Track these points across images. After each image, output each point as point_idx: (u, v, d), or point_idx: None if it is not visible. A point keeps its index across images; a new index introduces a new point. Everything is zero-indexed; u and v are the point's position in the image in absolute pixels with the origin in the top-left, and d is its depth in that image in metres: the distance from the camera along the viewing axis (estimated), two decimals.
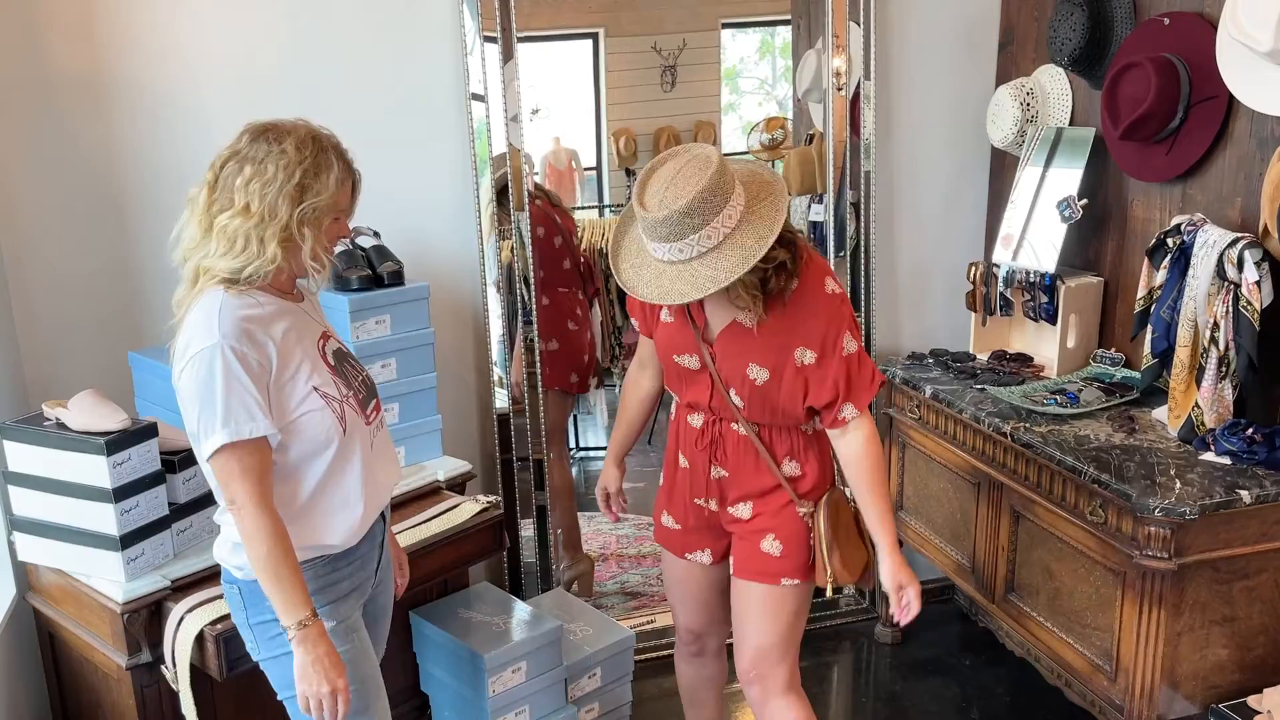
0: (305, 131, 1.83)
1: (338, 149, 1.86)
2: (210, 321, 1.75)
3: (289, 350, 1.82)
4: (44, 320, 2.76)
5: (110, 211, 2.78)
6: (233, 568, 1.91)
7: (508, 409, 3.18)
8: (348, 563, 1.95)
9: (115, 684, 2.31)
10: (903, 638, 3.51)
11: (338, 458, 1.88)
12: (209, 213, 1.80)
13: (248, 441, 1.75)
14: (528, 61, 3.10)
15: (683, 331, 2.17)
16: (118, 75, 2.72)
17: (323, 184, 1.80)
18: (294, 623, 1.79)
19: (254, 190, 1.76)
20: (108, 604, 2.22)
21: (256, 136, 1.81)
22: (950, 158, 3.47)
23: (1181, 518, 2.22)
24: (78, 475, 2.20)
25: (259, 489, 1.76)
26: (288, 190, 1.77)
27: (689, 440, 2.28)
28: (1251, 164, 2.56)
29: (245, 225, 1.76)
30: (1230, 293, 2.41)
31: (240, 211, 1.77)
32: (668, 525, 2.40)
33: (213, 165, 1.82)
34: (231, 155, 1.81)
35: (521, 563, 3.26)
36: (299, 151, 1.79)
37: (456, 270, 3.11)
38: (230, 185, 1.78)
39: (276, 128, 1.82)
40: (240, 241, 1.77)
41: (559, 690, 2.76)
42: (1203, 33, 2.60)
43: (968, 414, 2.85)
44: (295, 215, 1.77)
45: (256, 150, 1.79)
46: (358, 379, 1.97)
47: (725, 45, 3.67)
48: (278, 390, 1.80)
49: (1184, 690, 2.38)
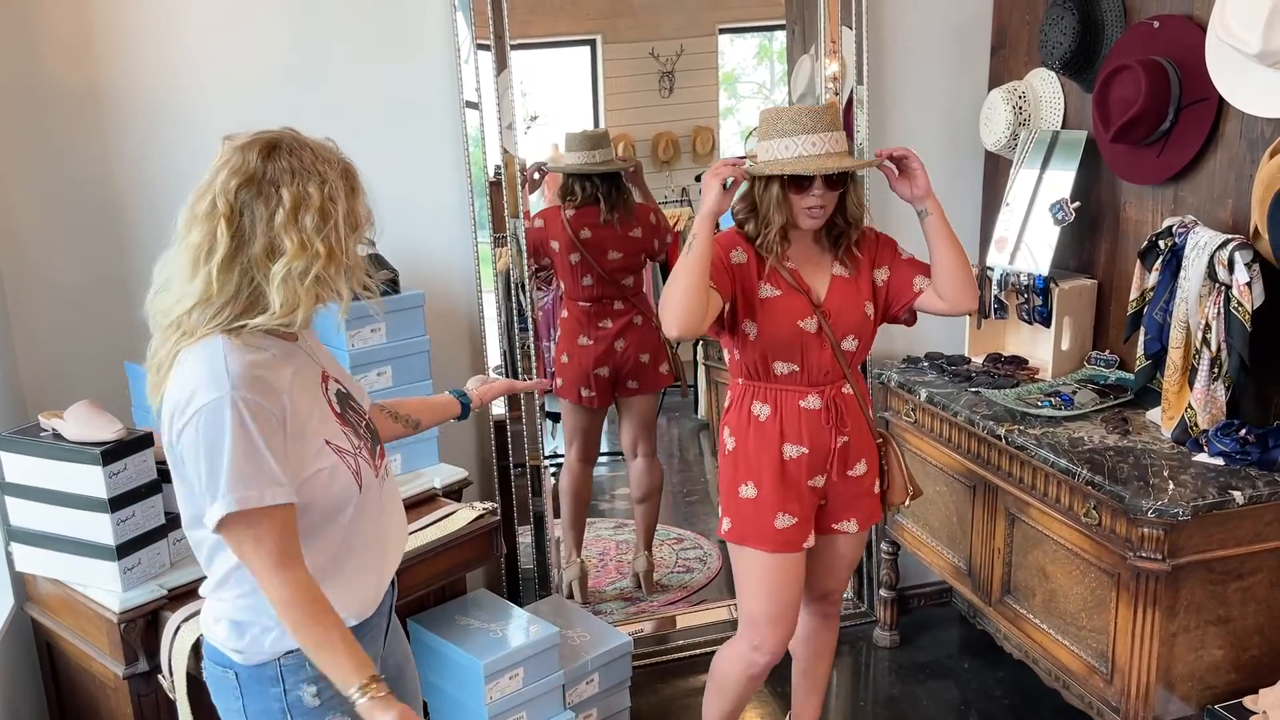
0: (316, 146, 1.59)
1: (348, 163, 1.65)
2: (216, 371, 1.51)
3: (298, 398, 1.59)
4: (41, 331, 2.77)
5: (107, 222, 2.80)
6: (230, 651, 1.68)
7: (504, 415, 3.19)
8: (362, 635, 1.70)
9: (113, 693, 2.32)
10: (901, 641, 3.51)
11: (355, 519, 1.68)
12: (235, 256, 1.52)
13: (256, 510, 1.50)
14: (526, 69, 3.12)
15: (795, 297, 2.35)
16: (115, 87, 2.74)
17: (362, 203, 1.62)
18: (358, 687, 1.55)
19: (308, 229, 1.52)
20: (104, 613, 2.23)
21: (266, 154, 1.53)
22: (944, 161, 3.47)
23: (1174, 519, 2.23)
24: (74, 485, 2.21)
25: (280, 555, 1.53)
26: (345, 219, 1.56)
27: (809, 424, 2.39)
28: (1242, 165, 2.57)
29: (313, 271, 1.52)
30: (1221, 294, 2.42)
31: (296, 254, 1.51)
32: (784, 525, 2.41)
33: (222, 192, 1.51)
34: (245, 181, 1.52)
35: (519, 569, 3.27)
36: (331, 168, 1.57)
37: (452, 278, 3.12)
38: (262, 220, 1.51)
39: (283, 140, 1.56)
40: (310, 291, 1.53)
41: (557, 696, 2.76)
42: (1192, 35, 2.62)
43: (962, 417, 2.85)
44: (352, 242, 1.57)
45: (276, 171, 1.52)
46: (362, 424, 1.74)
47: (723, 50, 3.68)
48: (294, 445, 1.56)
49: (1179, 691, 2.38)
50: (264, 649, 1.66)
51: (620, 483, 4.05)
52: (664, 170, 3.81)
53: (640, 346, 3.48)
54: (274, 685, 1.67)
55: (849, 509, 2.50)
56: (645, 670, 3.30)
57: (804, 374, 2.37)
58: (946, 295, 2.35)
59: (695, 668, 3.38)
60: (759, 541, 2.42)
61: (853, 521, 2.51)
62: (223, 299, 1.53)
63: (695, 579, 3.78)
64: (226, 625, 1.68)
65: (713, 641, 3.45)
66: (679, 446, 4.41)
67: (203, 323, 1.54)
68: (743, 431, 2.43)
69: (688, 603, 3.65)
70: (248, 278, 1.53)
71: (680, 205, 3.92)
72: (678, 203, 3.92)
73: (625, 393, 3.52)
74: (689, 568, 3.85)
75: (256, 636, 1.66)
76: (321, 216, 1.53)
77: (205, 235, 1.52)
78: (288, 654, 1.66)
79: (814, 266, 2.40)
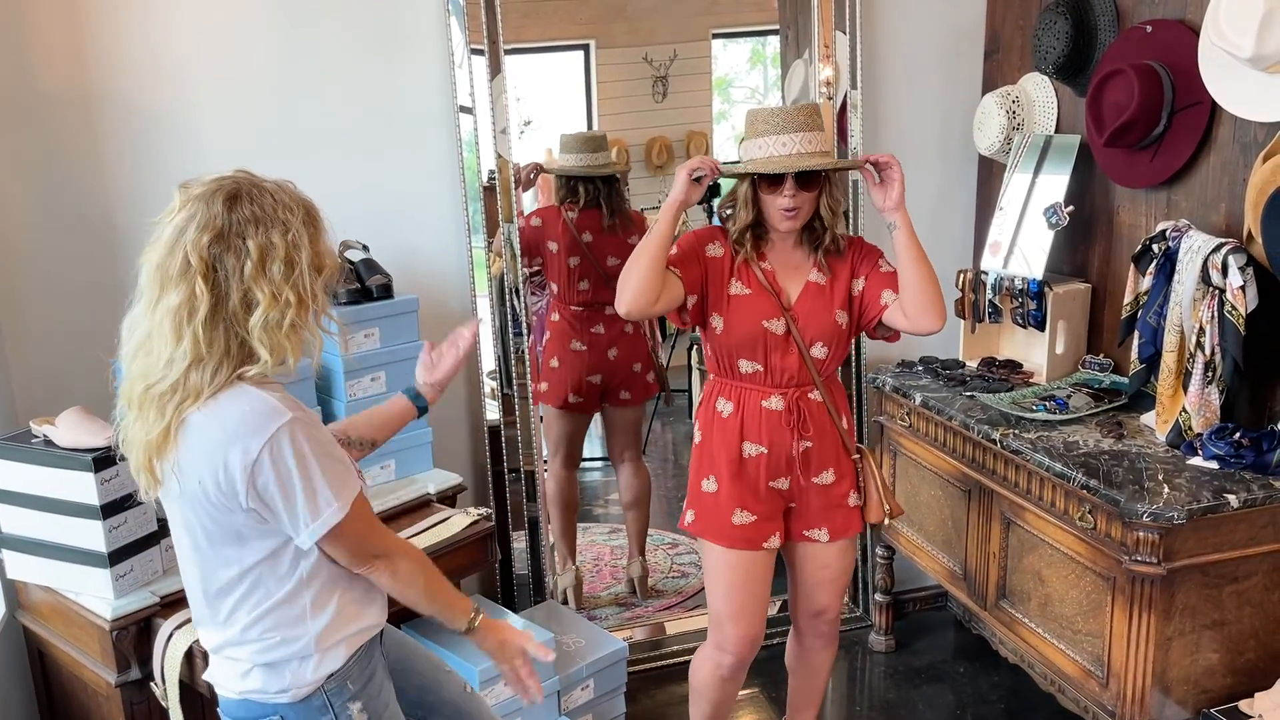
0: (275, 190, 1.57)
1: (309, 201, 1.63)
2: (262, 407, 1.54)
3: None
4: (33, 337, 2.76)
5: (101, 228, 2.78)
6: (272, 696, 1.69)
7: (499, 421, 3.18)
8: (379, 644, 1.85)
9: (105, 701, 2.31)
10: (897, 646, 3.51)
11: None
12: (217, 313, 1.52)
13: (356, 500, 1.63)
14: (520, 74, 3.11)
15: (764, 298, 2.36)
16: (108, 92, 2.72)
17: (326, 245, 1.62)
18: (467, 620, 1.80)
19: (276, 278, 1.52)
20: (96, 621, 2.22)
21: (232, 204, 1.52)
22: (938, 166, 3.49)
23: (1169, 522, 2.22)
24: (65, 492, 2.20)
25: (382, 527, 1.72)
26: (310, 265, 1.56)
27: (769, 424, 2.39)
28: (1235, 169, 2.57)
29: (288, 319, 1.53)
30: (1215, 298, 2.42)
31: (269, 306, 1.52)
32: (742, 522, 2.43)
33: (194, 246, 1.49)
34: (214, 237, 1.50)
35: (514, 575, 3.26)
36: (293, 215, 1.56)
37: (446, 282, 3.11)
38: (235, 276, 1.51)
39: (242, 189, 1.54)
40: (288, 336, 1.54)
41: (552, 702, 2.76)
42: (1185, 39, 2.62)
43: (957, 421, 2.85)
44: (320, 288, 1.58)
45: (241, 221, 1.51)
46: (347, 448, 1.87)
47: (717, 55, 3.68)
48: None
49: (1175, 695, 2.38)
50: (307, 679, 1.70)
51: (614, 488, 4.04)
52: (657, 175, 3.80)
53: (632, 355, 3.48)
54: (324, 714, 1.70)
55: (820, 518, 2.48)
56: (641, 675, 3.29)
57: (767, 374, 2.39)
58: (909, 313, 2.34)
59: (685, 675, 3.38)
60: (717, 536, 2.45)
61: (823, 530, 2.49)
62: (216, 356, 1.53)
63: (690, 584, 3.77)
64: (259, 673, 1.69)
65: None
66: (673, 451, 4.40)
67: (207, 382, 1.53)
68: (708, 426, 2.47)
69: (683, 608, 3.64)
70: (233, 332, 1.54)
71: None
72: None
73: (617, 403, 3.51)
74: (684, 573, 3.84)
75: (296, 670, 1.69)
76: (288, 265, 1.53)
77: (185, 296, 1.51)
78: (330, 677, 1.71)
79: (791, 270, 2.41)
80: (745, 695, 3.24)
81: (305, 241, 1.56)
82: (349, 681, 1.72)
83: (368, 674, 1.78)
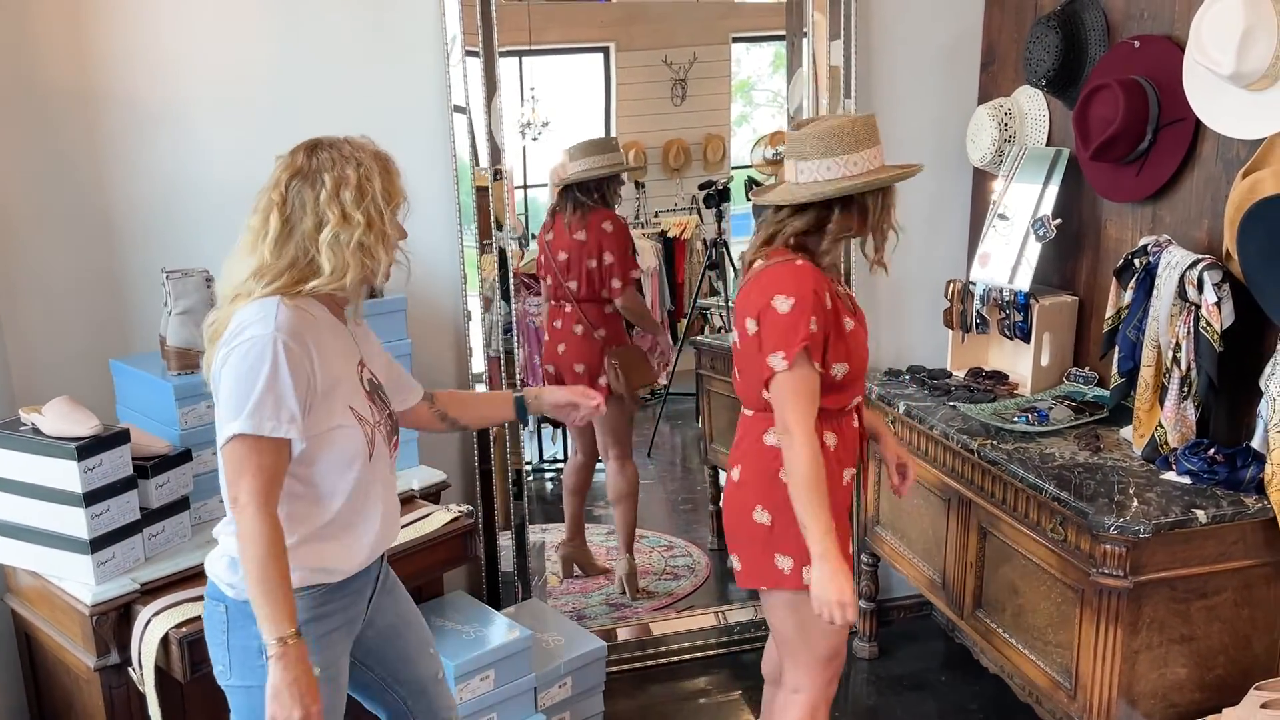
0: (352, 140, 1.85)
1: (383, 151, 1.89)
2: (267, 316, 1.74)
3: (330, 363, 1.81)
4: (32, 328, 2.81)
5: (99, 222, 2.84)
6: (224, 584, 1.85)
7: None
8: (342, 594, 1.91)
9: (85, 685, 2.36)
10: (880, 653, 3.52)
11: (362, 478, 1.87)
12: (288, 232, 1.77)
13: (266, 439, 1.71)
14: (539, 75, 3.14)
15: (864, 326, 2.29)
16: (108, 88, 2.78)
17: (396, 182, 1.86)
18: (276, 639, 1.70)
19: (348, 201, 1.76)
20: (78, 606, 2.27)
21: (312, 151, 1.81)
22: (933, 176, 3.48)
23: (1136, 536, 2.23)
24: (50, 479, 2.24)
25: (264, 492, 1.71)
26: (382, 194, 1.80)
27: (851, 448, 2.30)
28: (1218, 186, 2.58)
29: (355, 238, 1.76)
30: (1191, 314, 2.43)
31: (339, 224, 1.76)
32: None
33: (274, 186, 1.80)
34: (294, 173, 1.79)
35: (499, 573, 3.30)
36: (368, 156, 1.82)
37: (439, 282, 3.15)
38: (310, 202, 1.77)
39: (324, 141, 1.83)
40: (354, 256, 1.77)
41: (528, 699, 2.79)
42: (1171, 55, 2.63)
43: (938, 430, 2.87)
44: (390, 214, 1.81)
45: (320, 163, 1.79)
46: (385, 411, 1.96)
47: (739, 59, 3.69)
48: (319, 399, 1.78)
49: (1142, 708, 2.39)
50: None
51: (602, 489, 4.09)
52: (674, 177, 3.83)
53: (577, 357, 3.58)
54: (254, 623, 1.76)
55: None
56: (629, 675, 3.33)
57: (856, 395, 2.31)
58: None
59: (676, 674, 3.41)
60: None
61: None
62: (279, 267, 1.78)
63: (682, 586, 3.80)
64: (226, 561, 1.85)
65: (698, 647, 3.49)
66: (680, 454, 4.44)
67: (259, 287, 1.78)
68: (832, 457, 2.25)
69: (674, 609, 3.67)
70: (301, 249, 1.78)
71: (689, 213, 3.95)
72: (687, 210, 3.95)
73: None
74: (677, 575, 3.87)
75: None
76: (359, 192, 1.78)
77: (260, 221, 1.80)
78: None
79: None
80: (726, 701, 3.27)
81: (376, 175, 1.81)
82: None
83: (317, 616, 1.86)
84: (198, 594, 2.30)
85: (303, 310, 1.79)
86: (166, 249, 2.84)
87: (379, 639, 2.09)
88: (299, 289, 1.78)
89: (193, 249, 2.83)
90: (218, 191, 2.87)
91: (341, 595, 1.91)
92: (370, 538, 1.92)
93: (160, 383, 2.51)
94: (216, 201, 2.87)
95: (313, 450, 1.80)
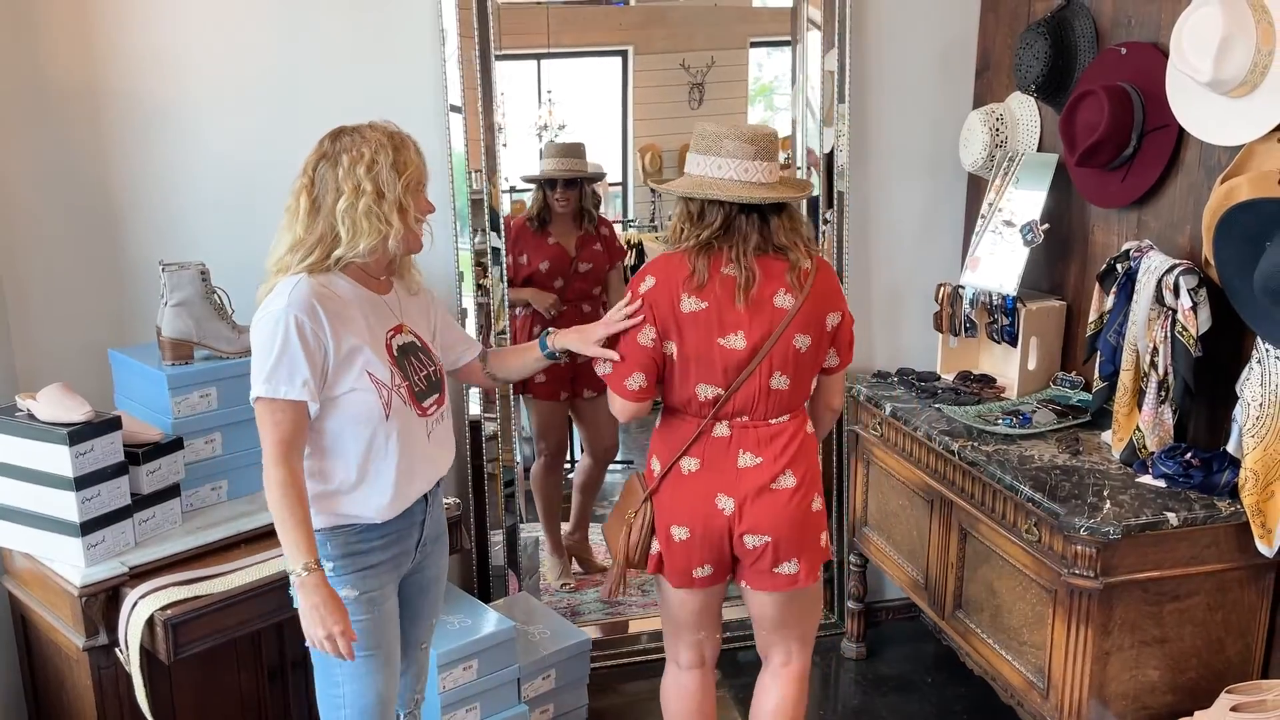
0: (372, 124, 2.04)
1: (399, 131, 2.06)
2: (286, 292, 1.97)
3: (347, 333, 2.00)
4: (37, 318, 2.88)
5: (102, 215, 2.91)
6: None
7: (479, 416, 3.27)
8: (379, 535, 2.09)
9: (75, 665, 2.42)
10: (868, 653, 3.54)
11: (378, 436, 2.04)
12: (315, 209, 1.99)
13: (281, 401, 1.94)
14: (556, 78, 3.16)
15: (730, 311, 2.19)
16: (112, 85, 2.85)
17: (409, 156, 2.03)
18: (296, 568, 1.94)
19: (360, 174, 1.97)
20: (67, 587, 2.33)
21: (335, 137, 2.02)
22: (928, 181, 3.52)
23: (1105, 537, 2.25)
24: (43, 463, 2.31)
25: (282, 445, 1.95)
26: (390, 166, 1.98)
27: None
28: (1200, 192, 2.59)
29: (364, 204, 1.96)
30: (1168, 318, 2.45)
31: (352, 194, 1.96)
32: None
33: (304, 171, 2.02)
34: (320, 158, 2.01)
35: (490, 567, 3.34)
36: (381, 135, 2.01)
37: (433, 278, 3.17)
38: (331, 180, 1.98)
39: (346, 128, 2.04)
40: (366, 221, 1.97)
41: (511, 690, 2.83)
42: (1156, 62, 2.64)
43: (921, 432, 2.89)
44: (401, 185, 1.99)
45: (341, 146, 2.00)
46: (420, 373, 2.13)
47: (760, 63, 3.70)
48: (334, 366, 1.98)
49: (1114, 709, 2.40)
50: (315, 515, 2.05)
51: (609, 489, 4.11)
52: None
53: None
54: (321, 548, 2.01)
55: None
56: (619, 670, 3.40)
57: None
58: None
59: None
60: None
61: None
62: (311, 240, 2.00)
63: None
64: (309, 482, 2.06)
65: None
66: None
67: (296, 262, 2.00)
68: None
69: None
70: (328, 224, 1.99)
71: None
72: None
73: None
74: None
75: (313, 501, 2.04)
76: (370, 165, 1.97)
77: (294, 202, 2.02)
78: (321, 530, 2.04)
79: None
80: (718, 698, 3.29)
81: (389, 150, 1.99)
82: (329, 544, 2.05)
83: (352, 552, 2.08)
84: (185, 578, 2.38)
85: (324, 287, 2.01)
86: (167, 242, 2.91)
87: (414, 588, 2.26)
88: (327, 263, 2.01)
89: (192, 242, 2.90)
90: (218, 187, 2.94)
91: (379, 535, 2.09)
92: (386, 489, 2.07)
93: (155, 372, 2.58)
94: (216, 196, 2.95)
95: (325, 411, 2.01)
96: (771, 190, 2.18)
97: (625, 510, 2.39)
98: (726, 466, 2.26)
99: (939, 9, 3.41)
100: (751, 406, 2.24)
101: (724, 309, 2.19)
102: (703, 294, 2.18)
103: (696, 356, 2.21)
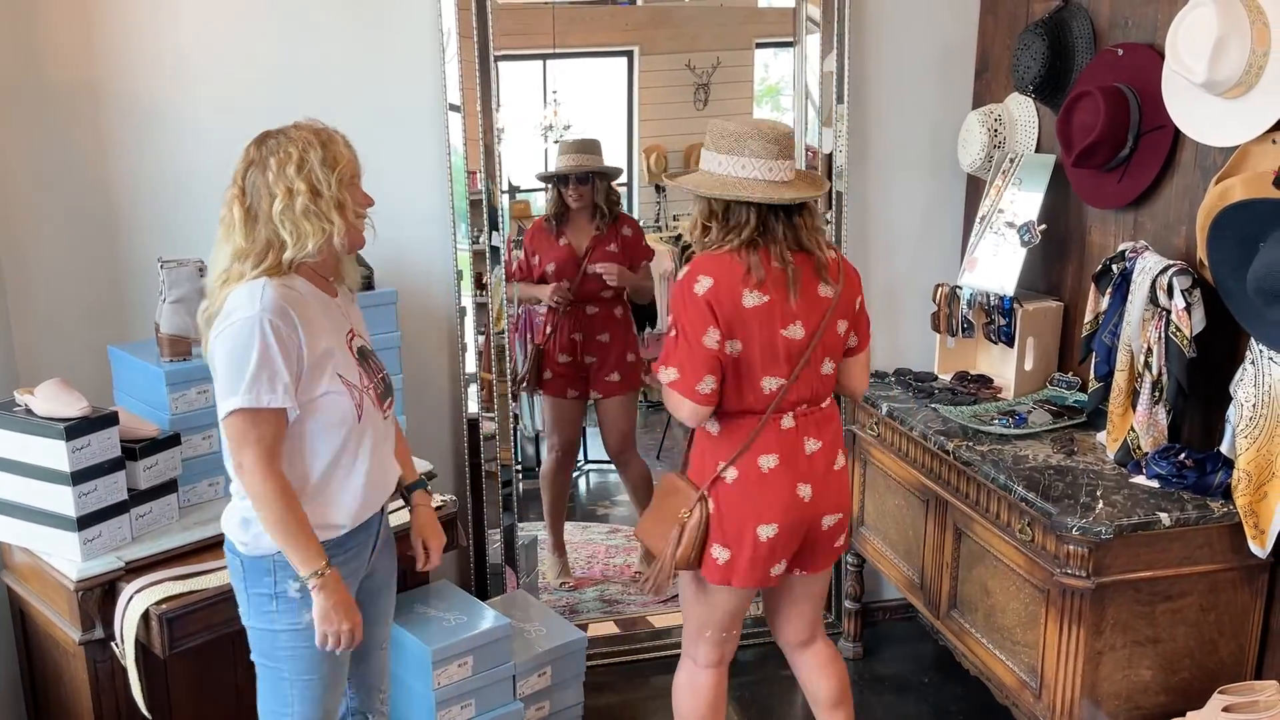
0: (297, 124, 2.00)
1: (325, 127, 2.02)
2: (254, 297, 1.91)
3: (318, 335, 1.96)
4: (37, 314, 2.90)
5: (103, 213, 2.93)
6: (238, 542, 2.05)
7: (477, 414, 3.28)
8: (344, 550, 2.07)
9: (72, 658, 2.44)
10: (865, 653, 3.54)
11: (350, 440, 2.03)
12: (252, 217, 1.95)
13: (264, 410, 1.89)
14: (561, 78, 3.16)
15: (786, 303, 2.26)
16: (113, 84, 2.87)
17: (339, 151, 1.98)
18: (312, 573, 1.95)
19: (291, 174, 1.92)
20: (64, 581, 2.34)
21: (260, 142, 1.98)
22: (927, 181, 3.53)
23: (1097, 537, 2.26)
24: (40, 458, 2.32)
25: (267, 456, 1.91)
26: (320, 163, 1.94)
27: None
28: (1195, 193, 2.59)
29: (300, 205, 1.92)
30: (1162, 319, 2.45)
31: (285, 196, 1.92)
32: None
33: (234, 181, 1.98)
34: (249, 165, 1.97)
35: (487, 565, 3.35)
36: (307, 133, 1.97)
37: (433, 277, 3.22)
38: (263, 185, 1.93)
39: (271, 131, 2.00)
40: (306, 221, 1.92)
41: (506, 687, 2.84)
42: (1152, 63, 2.64)
43: (917, 431, 2.90)
44: (335, 180, 1.95)
45: (268, 149, 1.95)
46: (377, 375, 2.13)
47: (767, 64, 3.70)
48: (308, 370, 1.94)
49: (1106, 709, 2.40)
50: (262, 546, 2.01)
51: (615, 489, 4.12)
52: None
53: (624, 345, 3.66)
54: (267, 575, 2.02)
55: None
56: (618, 668, 3.41)
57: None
58: None
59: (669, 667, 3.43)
60: None
61: None
62: (258, 249, 1.94)
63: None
64: (239, 521, 2.04)
65: None
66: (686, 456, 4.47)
67: (249, 269, 1.94)
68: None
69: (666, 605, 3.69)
70: (270, 229, 1.94)
71: None
72: None
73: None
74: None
75: (258, 534, 2.00)
76: (300, 164, 1.93)
77: (226, 212, 1.99)
78: (279, 552, 1.99)
79: None
80: None
81: (317, 146, 1.95)
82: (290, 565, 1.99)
83: None
84: (180, 573, 2.39)
85: (289, 289, 1.96)
86: (166, 240, 2.93)
87: (365, 594, 2.21)
88: (281, 266, 1.96)
89: (191, 240, 2.91)
90: (216, 185, 2.93)
91: (343, 550, 2.07)
92: (356, 493, 2.06)
93: (153, 369, 2.59)
94: (215, 194, 2.93)
95: (301, 415, 1.96)
96: (796, 190, 2.25)
97: (670, 511, 2.39)
98: (799, 456, 2.33)
99: (938, 10, 3.42)
100: (811, 394, 2.33)
101: (783, 301, 2.25)
102: (763, 288, 2.24)
103: (763, 349, 2.26)
